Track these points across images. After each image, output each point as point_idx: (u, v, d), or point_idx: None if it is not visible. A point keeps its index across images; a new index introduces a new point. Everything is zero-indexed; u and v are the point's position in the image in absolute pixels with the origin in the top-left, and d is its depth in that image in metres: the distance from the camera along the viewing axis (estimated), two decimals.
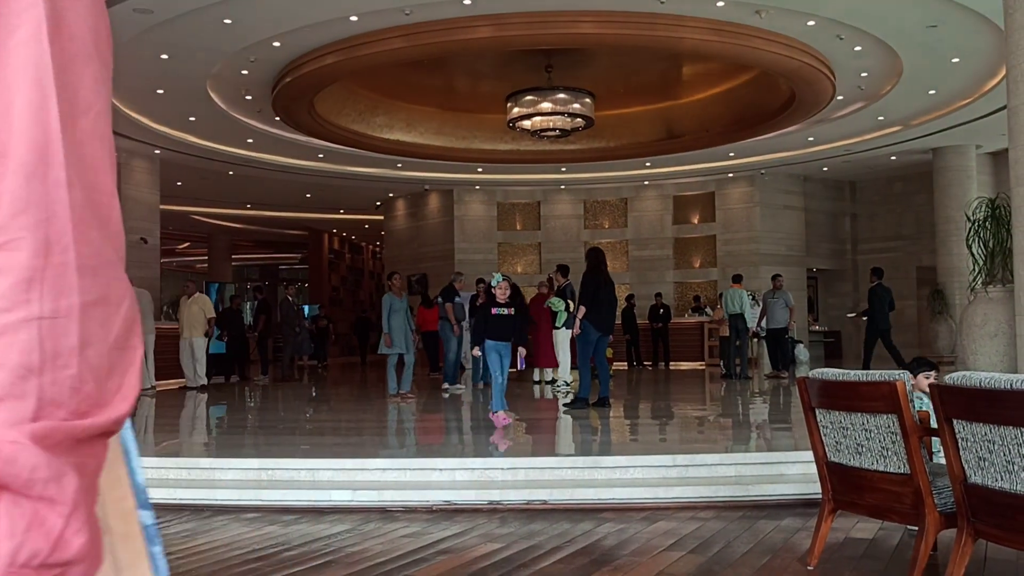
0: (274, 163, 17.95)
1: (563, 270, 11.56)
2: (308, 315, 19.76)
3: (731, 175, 19.99)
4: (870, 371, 3.61)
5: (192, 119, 14.65)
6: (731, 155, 18.10)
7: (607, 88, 14.86)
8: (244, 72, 12.42)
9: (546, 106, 13.61)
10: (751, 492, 5.41)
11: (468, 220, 21.18)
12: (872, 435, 3.58)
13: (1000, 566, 3.85)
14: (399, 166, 18.40)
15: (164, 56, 11.53)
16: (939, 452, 3.63)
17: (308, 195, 22.24)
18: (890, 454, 3.51)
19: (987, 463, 3.06)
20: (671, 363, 18.16)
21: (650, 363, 18.32)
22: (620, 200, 21.31)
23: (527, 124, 13.97)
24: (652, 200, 21.06)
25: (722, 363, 14.74)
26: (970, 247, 9.36)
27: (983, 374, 3.05)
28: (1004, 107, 8.08)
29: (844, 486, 3.79)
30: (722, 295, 14.66)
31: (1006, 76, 7.47)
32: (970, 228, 9.43)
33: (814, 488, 4.32)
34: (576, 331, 9.06)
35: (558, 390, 11.66)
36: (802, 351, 17.25)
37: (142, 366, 0.59)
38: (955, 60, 12.34)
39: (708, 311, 18.62)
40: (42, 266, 0.53)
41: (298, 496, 5.55)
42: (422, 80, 15.03)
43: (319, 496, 5.52)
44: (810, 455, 4.02)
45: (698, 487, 5.49)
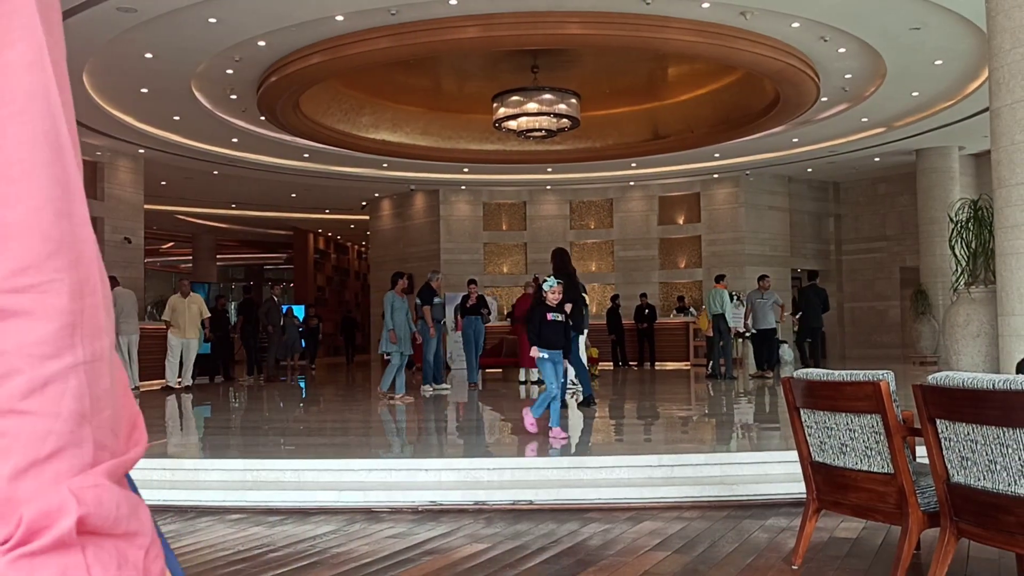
0: (259, 163, 17.88)
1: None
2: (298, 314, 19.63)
3: (716, 176, 20.07)
4: (854, 371, 3.63)
5: (177, 118, 14.57)
6: (716, 156, 18.16)
7: (593, 89, 14.88)
8: (229, 71, 12.36)
9: (532, 106, 13.62)
10: (736, 492, 5.43)
11: (454, 220, 21.18)
12: (856, 435, 3.60)
13: (982, 565, 3.88)
14: (385, 166, 18.37)
15: (148, 55, 11.46)
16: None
17: (293, 195, 22.17)
18: (874, 454, 3.54)
19: (970, 463, 3.08)
20: (656, 363, 18.22)
21: (635, 363, 18.36)
22: (606, 200, 21.36)
23: (513, 124, 13.97)
24: (637, 200, 21.12)
25: (707, 363, 14.77)
26: (953, 248, 9.41)
27: (966, 374, 3.07)
28: (987, 109, 8.15)
29: (828, 486, 3.81)
30: (708, 295, 14.71)
31: (988, 78, 7.53)
32: (953, 229, 9.48)
33: (799, 488, 4.34)
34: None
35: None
36: (787, 351, 17.31)
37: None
38: (938, 62, 12.43)
39: (692, 311, 18.68)
40: (80, 310, 0.53)
41: (283, 497, 5.53)
42: (408, 80, 15.01)
43: (304, 497, 5.51)
44: (795, 455, 4.04)
45: (683, 487, 5.51)
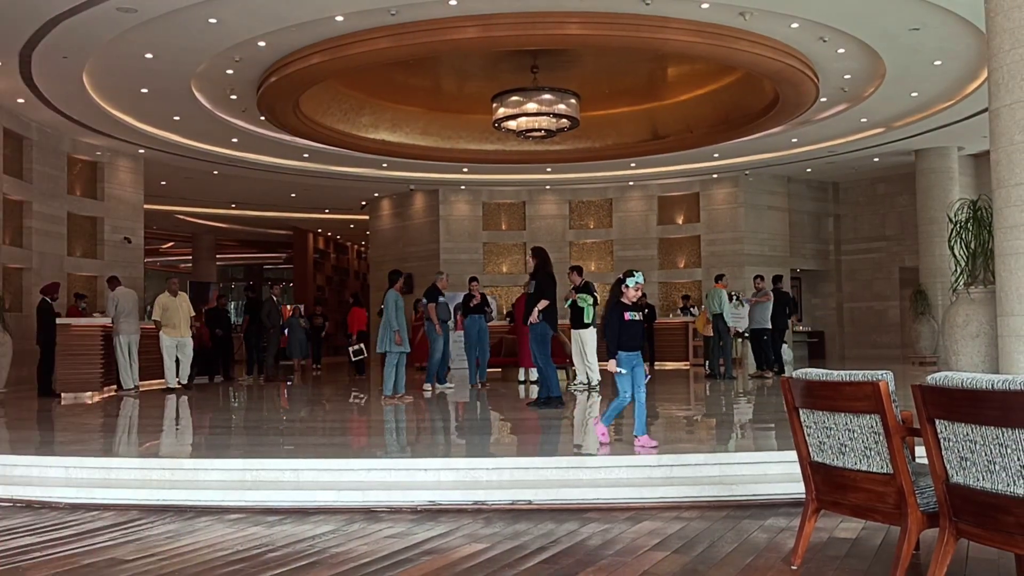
0: (259, 163, 17.89)
1: (577, 269, 11.52)
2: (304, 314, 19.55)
3: (715, 176, 20.08)
4: (853, 372, 3.63)
5: (177, 118, 14.58)
6: (715, 156, 18.17)
7: (592, 89, 14.89)
8: (229, 72, 12.36)
9: (532, 107, 13.62)
10: (735, 492, 5.43)
11: (453, 220, 21.19)
12: (855, 435, 3.60)
13: (982, 565, 3.88)
14: (384, 166, 18.38)
15: (148, 55, 11.47)
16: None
17: (293, 195, 22.18)
18: (873, 454, 3.54)
19: (969, 463, 3.08)
20: (656, 363, 18.20)
21: None
22: (605, 200, 21.38)
23: (512, 124, 13.97)
24: (637, 200, 21.13)
25: (706, 363, 14.77)
26: (952, 248, 9.39)
27: (965, 374, 3.06)
28: (986, 109, 8.14)
29: (827, 486, 3.81)
30: (707, 295, 14.71)
31: (988, 79, 7.53)
32: (952, 229, 9.47)
33: (798, 488, 4.34)
34: (535, 319, 9.39)
35: (576, 389, 11.66)
36: (786, 351, 17.32)
37: None
38: (937, 63, 12.43)
39: (694, 311, 18.67)
40: None
41: (282, 497, 5.53)
42: (408, 80, 15.02)
43: (303, 497, 5.51)
44: (794, 455, 4.04)
45: (682, 487, 5.51)
